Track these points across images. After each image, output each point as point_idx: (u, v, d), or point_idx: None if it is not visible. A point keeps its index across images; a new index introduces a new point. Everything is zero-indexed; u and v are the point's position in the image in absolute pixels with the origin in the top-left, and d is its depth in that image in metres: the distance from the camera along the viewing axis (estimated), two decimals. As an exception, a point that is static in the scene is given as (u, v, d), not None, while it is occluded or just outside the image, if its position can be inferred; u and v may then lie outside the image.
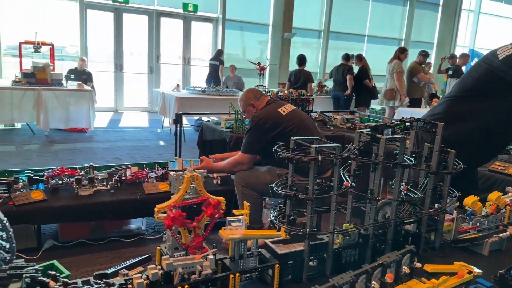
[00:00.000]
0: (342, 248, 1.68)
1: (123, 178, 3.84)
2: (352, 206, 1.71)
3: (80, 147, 6.73)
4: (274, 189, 1.62)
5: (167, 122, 8.43)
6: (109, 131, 8.15)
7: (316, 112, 5.35)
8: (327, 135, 4.40)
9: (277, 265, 1.53)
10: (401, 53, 7.86)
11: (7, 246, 1.13)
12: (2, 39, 8.88)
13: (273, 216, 1.67)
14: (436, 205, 1.88)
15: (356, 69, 8.64)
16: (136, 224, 4.25)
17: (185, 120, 7.92)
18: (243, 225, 1.50)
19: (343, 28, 13.78)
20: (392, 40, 14.80)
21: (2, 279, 0.97)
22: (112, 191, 3.67)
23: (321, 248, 1.66)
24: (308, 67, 9.07)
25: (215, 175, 4.17)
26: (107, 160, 5.88)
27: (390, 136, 1.70)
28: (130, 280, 1.33)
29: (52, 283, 1.02)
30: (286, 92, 4.84)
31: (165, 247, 1.57)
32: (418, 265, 1.53)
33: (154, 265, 1.37)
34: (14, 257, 1.13)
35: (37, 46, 7.46)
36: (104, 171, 3.91)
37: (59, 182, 3.33)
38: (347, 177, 1.64)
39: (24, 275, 0.98)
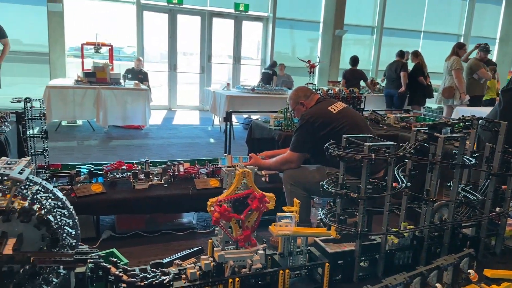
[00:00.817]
0: (395, 250, 1.63)
1: (176, 173, 3.98)
2: (406, 207, 1.66)
3: (136, 143, 7.04)
4: (325, 187, 1.61)
5: (217, 120, 8.60)
6: (163, 129, 8.46)
7: (368, 110, 5.22)
8: (380, 134, 4.27)
9: (327, 264, 1.52)
10: (460, 49, 7.45)
11: (73, 232, 1.22)
12: (66, 41, 9.49)
13: (323, 215, 1.66)
14: (498, 208, 1.78)
15: (411, 66, 8.31)
16: (188, 218, 4.38)
17: (234, 118, 8.04)
18: (293, 222, 1.51)
19: (397, 24, 13.29)
20: (450, 36, 14.05)
21: (69, 263, 1.04)
22: (166, 185, 3.82)
23: (372, 248, 1.62)
24: (360, 65, 8.89)
25: (263, 172, 4.20)
26: (161, 156, 6.10)
27: (449, 135, 1.63)
28: (184, 270, 1.38)
29: (113, 269, 1.09)
30: (336, 90, 4.76)
31: (216, 240, 1.61)
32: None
33: (206, 256, 1.41)
34: (79, 243, 1.21)
35: (97, 47, 7.90)
36: (159, 166, 4.08)
37: (117, 176, 3.50)
38: (402, 177, 1.59)
39: (88, 260, 1.06)
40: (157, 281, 1.08)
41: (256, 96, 7.67)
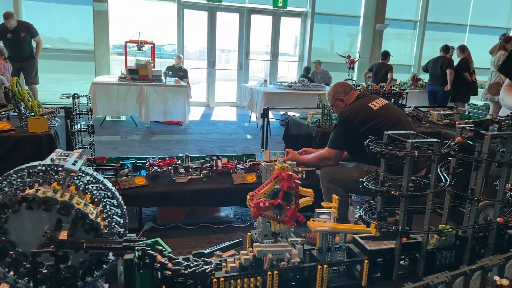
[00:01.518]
0: (436, 249, 1.60)
1: (214, 168, 4.06)
2: (449, 206, 1.61)
3: (176, 138, 7.23)
4: (365, 184, 1.59)
5: (254, 117, 8.65)
6: (201, 124, 8.63)
7: (410, 107, 5.07)
8: (422, 131, 4.13)
9: (366, 261, 1.51)
10: (507, 43, 7.06)
11: (121, 221, 1.29)
12: (110, 39, 9.86)
13: (362, 212, 1.65)
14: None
15: (456, 61, 7.98)
16: (225, 212, 4.45)
17: (271, 114, 8.06)
18: (332, 218, 1.51)
19: (441, 17, 12.78)
20: (498, 30, 13.33)
21: (118, 249, 1.11)
22: (205, 179, 3.91)
23: (413, 247, 1.60)
24: (402, 60, 8.69)
25: (300, 168, 4.19)
26: (200, 151, 6.23)
27: (496, 132, 1.57)
28: (224, 262, 1.42)
29: (159, 257, 1.14)
30: (377, 86, 4.66)
31: (255, 234, 1.64)
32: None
33: (246, 252, 1.44)
34: (127, 231, 1.28)
35: (140, 45, 8.15)
36: (198, 161, 4.18)
37: (159, 169, 3.62)
38: (445, 175, 1.55)
39: (136, 248, 1.11)
40: (200, 270, 1.13)
41: (293, 92, 7.64)
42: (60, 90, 6.60)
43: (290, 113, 8.69)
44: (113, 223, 1.26)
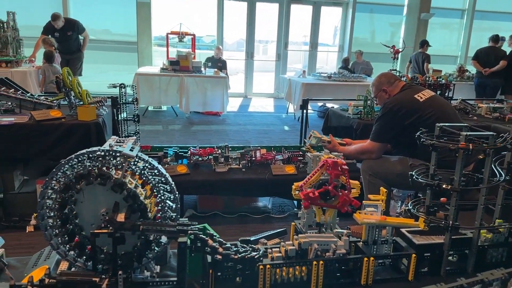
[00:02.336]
0: (488, 246, 1.54)
1: (253, 158, 4.10)
2: (502, 202, 1.55)
3: (214, 128, 7.34)
4: (414, 177, 1.56)
5: (291, 108, 8.61)
6: (239, 115, 8.70)
7: (457, 99, 4.87)
8: (469, 125, 3.98)
9: (413, 255, 1.49)
10: None
11: (173, 206, 1.33)
12: (152, 31, 10.10)
13: (410, 206, 1.61)
14: None
15: (508, 51, 7.56)
16: (263, 202, 4.49)
17: (309, 106, 7.98)
18: (379, 211, 1.49)
19: (491, 6, 12.11)
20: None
21: (172, 233, 1.15)
22: (244, 170, 3.96)
23: (463, 243, 1.55)
24: (447, 51, 8.34)
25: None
26: (237, 141, 6.29)
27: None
28: (270, 250, 1.44)
29: (210, 241, 1.18)
30: (423, 77, 4.50)
31: (299, 224, 1.65)
32: None
33: (291, 242, 1.46)
34: (179, 216, 1.33)
35: (181, 36, 8.29)
36: (237, 151, 4.24)
37: (200, 158, 3.70)
38: (499, 170, 1.49)
39: (189, 232, 1.15)
40: (249, 256, 1.15)
41: (332, 83, 7.53)
42: (105, 80, 6.85)
43: (329, 105, 8.59)
44: (166, 208, 1.31)
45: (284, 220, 4.09)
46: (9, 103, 3.70)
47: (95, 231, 1.17)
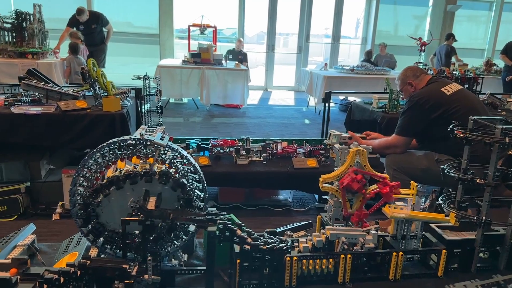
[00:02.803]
0: (522, 244, 1.50)
1: (275, 151, 4.09)
2: (538, 199, 1.50)
3: (235, 121, 7.34)
4: (446, 171, 1.52)
5: (312, 101, 8.54)
6: (259, 108, 8.68)
7: (485, 93, 4.73)
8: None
9: (444, 251, 1.45)
10: None
11: (202, 195, 1.34)
12: (174, 23, 10.14)
13: (441, 201, 1.58)
14: None
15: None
16: (284, 195, 4.48)
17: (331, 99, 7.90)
18: (409, 205, 1.46)
19: (521, -3, 11.69)
20: None
21: (202, 222, 1.15)
22: (265, 162, 3.95)
23: (495, 240, 1.51)
24: (474, 44, 8.10)
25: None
26: (258, 134, 6.28)
27: None
28: (296, 242, 1.43)
29: (239, 231, 1.18)
30: (449, 70, 4.39)
31: (325, 216, 1.63)
32: None
33: (318, 233, 1.44)
34: (207, 205, 1.33)
35: (202, 28, 8.31)
36: (258, 144, 4.23)
37: (221, 151, 3.70)
38: (536, 165, 1.43)
39: (218, 221, 1.16)
40: (277, 247, 1.15)
41: (355, 76, 7.42)
42: (127, 72, 6.94)
43: (351, 98, 8.48)
44: (194, 197, 1.32)
45: (305, 214, 4.07)
46: (36, 94, 3.78)
47: (126, 218, 1.18)
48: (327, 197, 4.52)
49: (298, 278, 1.38)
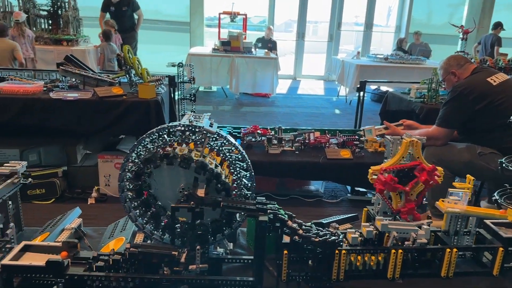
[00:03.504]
0: None
1: (307, 141, 4.03)
2: None
3: (264, 110, 7.30)
4: (504, 164, 1.43)
5: (343, 91, 8.38)
6: (288, 98, 8.59)
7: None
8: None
9: (500, 249, 1.38)
10: None
11: (249, 184, 1.31)
12: (204, 11, 10.11)
13: (497, 196, 1.49)
14: None
15: None
16: (315, 186, 4.42)
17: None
18: (465, 200, 1.39)
19: None
20: None
21: (252, 211, 1.13)
22: (297, 152, 3.90)
23: (558, 239, 1.42)
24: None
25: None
26: (287, 124, 6.19)
27: None
28: (344, 234, 1.39)
29: (289, 222, 1.14)
30: (493, 60, 4.19)
31: (372, 210, 1.58)
32: None
33: (368, 224, 1.40)
34: (254, 194, 1.30)
35: (233, 16, 8.24)
36: (290, 133, 4.18)
37: (253, 139, 3.68)
38: None
39: (268, 211, 1.12)
40: (330, 240, 1.11)
41: (389, 65, 7.21)
42: (157, 60, 6.98)
43: (383, 88, 8.27)
44: (242, 185, 1.29)
45: (337, 206, 4.01)
46: (74, 80, 3.84)
47: (175, 205, 1.17)
48: (360, 189, 4.46)
49: (345, 272, 1.34)
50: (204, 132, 1.23)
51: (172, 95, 4.26)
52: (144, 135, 1.25)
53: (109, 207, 3.66)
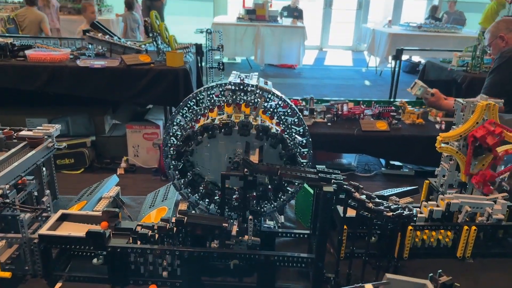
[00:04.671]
0: None
1: (340, 112, 3.84)
2: None
3: (290, 82, 7.07)
4: None
5: (372, 61, 8.05)
6: (315, 69, 8.31)
7: None
8: None
9: None
10: None
11: (305, 152, 1.18)
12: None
13: None
14: None
15: None
16: (348, 159, 4.26)
17: (390, 59, 7.39)
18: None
19: None
20: None
21: (313, 180, 1.00)
22: (329, 124, 3.73)
23: None
24: None
25: (439, 118, 3.77)
26: (315, 96, 6.00)
27: None
28: (407, 208, 1.25)
29: (357, 194, 1.01)
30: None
31: (435, 182, 1.43)
32: None
33: (434, 203, 1.25)
34: (310, 163, 1.17)
35: (258, -17, 7.91)
36: (322, 104, 4.00)
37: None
38: None
39: (332, 181, 0.99)
40: (404, 214, 0.98)
41: (423, 34, 6.83)
42: (181, 30, 6.81)
43: (415, 58, 7.90)
44: (297, 153, 1.16)
45: (371, 180, 3.86)
46: (100, 47, 3.73)
47: (226, 172, 1.05)
48: (396, 163, 4.26)
49: (410, 249, 1.21)
50: (259, 91, 1.09)
51: (199, 64, 4.12)
52: (190, 95, 1.12)
53: (138, 177, 3.62)
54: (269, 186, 1.14)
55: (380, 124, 3.70)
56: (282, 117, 1.13)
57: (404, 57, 7.93)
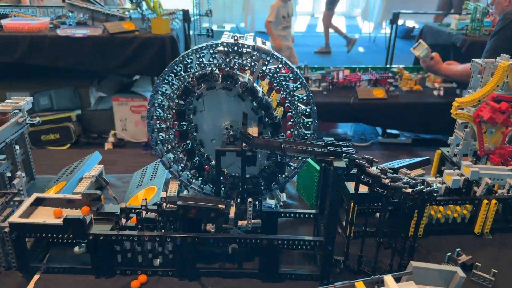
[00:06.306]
0: None
1: (335, 80, 3.70)
2: None
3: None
4: None
5: (366, 28, 7.83)
6: (307, 36, 8.06)
7: None
8: None
9: None
10: None
11: (309, 122, 1.05)
12: None
13: None
14: None
15: None
16: (343, 129, 4.16)
17: (384, 24, 7.17)
18: None
19: None
20: None
21: (322, 154, 0.87)
22: (325, 92, 3.60)
23: None
24: None
25: (436, 84, 3.65)
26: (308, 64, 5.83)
27: None
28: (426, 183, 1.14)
29: (371, 169, 0.89)
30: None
31: (447, 151, 1.31)
32: None
33: (451, 171, 1.14)
34: (315, 135, 1.04)
35: None
36: (317, 72, 3.84)
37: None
38: None
39: (343, 155, 0.87)
40: (426, 191, 0.87)
41: (419, -3, 6.62)
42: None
43: (409, 23, 7.69)
44: (300, 124, 1.03)
45: (367, 149, 3.77)
46: (81, 15, 3.50)
47: (220, 147, 0.92)
48: (393, 131, 4.17)
49: (425, 226, 1.11)
50: (256, 53, 0.94)
51: (187, 31, 3.92)
52: (176, 58, 0.98)
53: (127, 152, 3.48)
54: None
55: (377, 92, 3.58)
56: (283, 82, 1.00)
57: (399, 21, 7.76)
